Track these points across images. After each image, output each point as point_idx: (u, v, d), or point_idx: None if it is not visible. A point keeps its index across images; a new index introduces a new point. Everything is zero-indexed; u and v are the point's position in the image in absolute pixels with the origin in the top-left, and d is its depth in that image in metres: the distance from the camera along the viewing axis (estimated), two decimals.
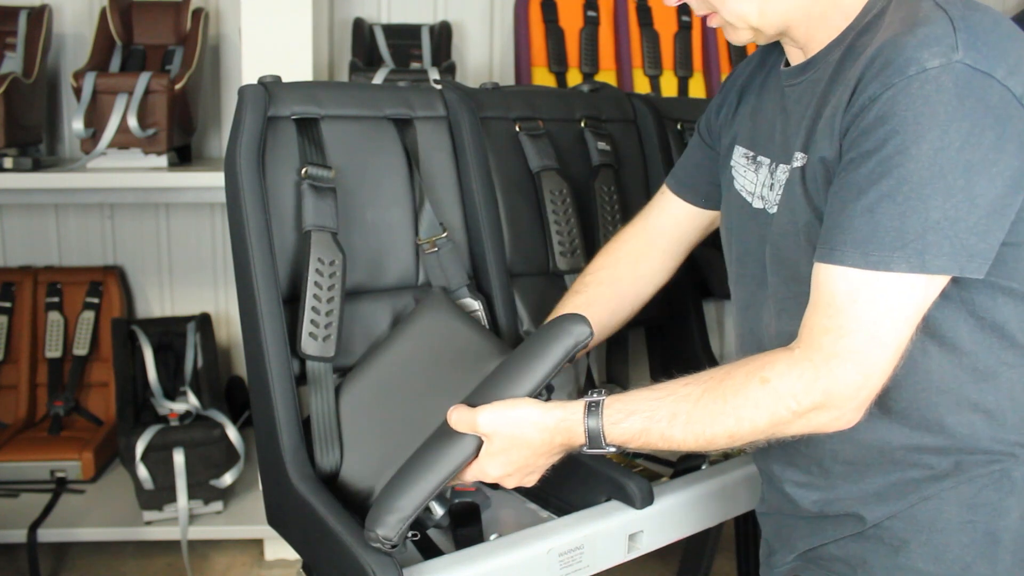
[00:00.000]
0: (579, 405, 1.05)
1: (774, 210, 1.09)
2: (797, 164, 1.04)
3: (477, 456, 1.07)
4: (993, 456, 1.03)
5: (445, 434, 1.08)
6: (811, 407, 0.97)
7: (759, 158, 1.15)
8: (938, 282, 0.95)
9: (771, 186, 1.11)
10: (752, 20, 1.04)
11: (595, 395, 1.05)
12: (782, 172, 1.09)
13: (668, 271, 1.39)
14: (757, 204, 1.14)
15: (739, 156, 1.20)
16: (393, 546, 1.05)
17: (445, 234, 1.43)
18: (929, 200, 0.90)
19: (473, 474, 1.08)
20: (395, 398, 1.29)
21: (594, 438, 1.04)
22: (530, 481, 1.10)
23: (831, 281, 0.96)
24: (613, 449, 1.04)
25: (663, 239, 1.37)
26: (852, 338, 0.95)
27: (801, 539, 1.14)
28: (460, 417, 1.07)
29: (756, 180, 1.15)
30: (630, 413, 1.03)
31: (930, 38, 0.91)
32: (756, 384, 0.98)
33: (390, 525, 1.04)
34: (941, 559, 1.04)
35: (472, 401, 1.09)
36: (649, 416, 1.02)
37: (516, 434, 1.05)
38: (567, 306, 1.35)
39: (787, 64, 1.12)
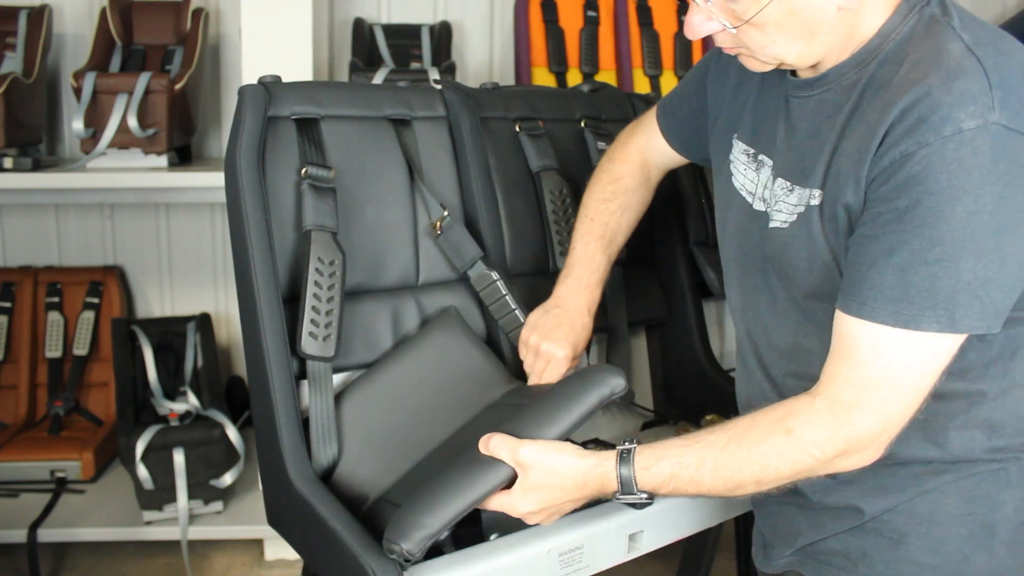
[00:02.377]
0: (612, 454, 1.07)
1: (778, 221, 1.08)
2: (815, 202, 1.02)
3: (508, 487, 1.08)
4: (992, 457, 1.05)
5: (478, 459, 1.09)
6: (834, 455, 0.99)
7: (760, 157, 1.14)
8: (964, 336, 0.96)
9: (772, 191, 1.10)
10: (789, 60, 1.03)
11: (628, 443, 1.07)
12: (782, 188, 1.07)
13: (656, 185, 1.47)
14: (758, 206, 1.13)
15: (739, 152, 1.19)
16: (407, 560, 1.05)
17: (447, 212, 1.43)
18: (961, 262, 0.91)
19: (502, 505, 1.08)
20: (398, 408, 1.31)
21: (626, 484, 1.06)
22: (548, 521, 1.12)
23: (857, 334, 0.97)
24: (645, 496, 1.06)
25: (654, 166, 1.44)
26: (874, 390, 0.96)
27: (800, 534, 1.15)
28: (501, 443, 1.08)
29: (757, 180, 1.14)
30: (659, 459, 1.05)
31: (966, 96, 0.90)
32: (781, 434, 1.00)
33: (415, 540, 1.03)
34: (940, 551, 1.06)
35: (508, 431, 1.10)
36: (678, 462, 1.04)
37: (553, 474, 1.07)
38: (603, 214, 1.39)
39: (793, 71, 1.10)
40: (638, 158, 1.42)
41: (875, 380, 0.96)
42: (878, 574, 1.09)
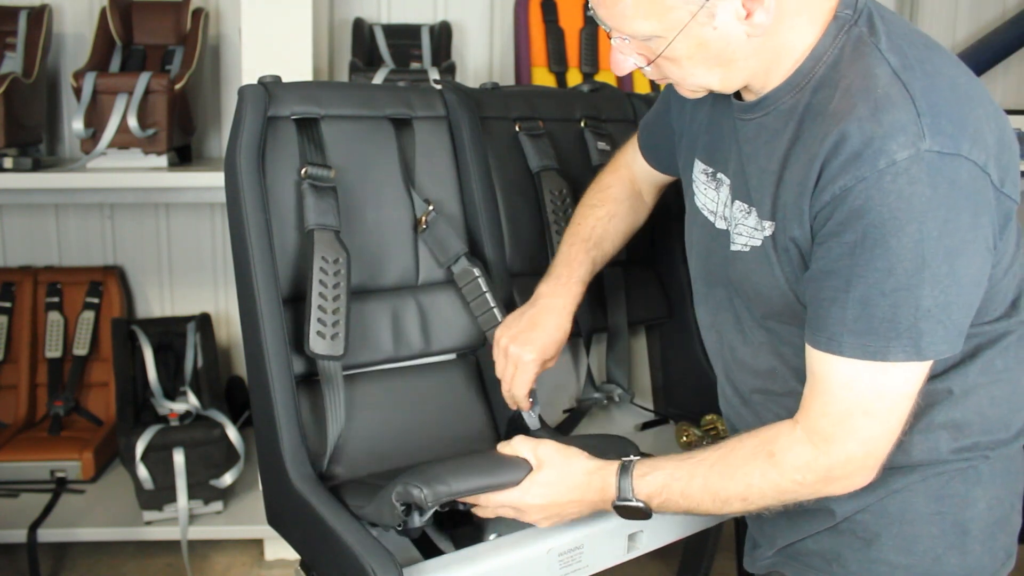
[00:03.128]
0: (615, 463, 1.13)
1: (739, 244, 1.08)
2: (767, 233, 1.04)
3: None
4: (960, 457, 1.06)
5: (497, 456, 1.17)
6: (816, 481, 1.02)
7: (719, 176, 1.14)
8: (932, 361, 0.98)
9: (732, 212, 1.10)
10: (714, 88, 1.04)
11: (631, 456, 1.13)
12: (740, 210, 1.08)
13: (652, 204, 1.47)
14: (720, 224, 1.13)
15: (699, 172, 1.19)
16: (409, 515, 1.09)
17: (431, 207, 1.43)
18: (918, 290, 0.92)
19: (511, 498, 1.12)
20: (393, 419, 1.35)
21: (623, 489, 1.10)
22: (549, 524, 1.16)
23: (828, 369, 0.99)
24: (641, 504, 1.10)
25: (643, 183, 1.44)
26: (849, 421, 0.99)
27: (780, 535, 1.17)
28: (522, 442, 1.15)
29: (717, 199, 1.14)
30: (655, 468, 1.10)
31: (896, 127, 0.90)
32: (763, 457, 1.04)
33: (435, 491, 1.06)
34: (912, 551, 1.07)
35: (509, 460, 1.16)
36: (671, 473, 1.08)
37: (565, 471, 1.13)
38: (590, 219, 1.40)
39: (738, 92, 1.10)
40: (626, 173, 1.43)
41: (849, 411, 0.99)
42: (852, 574, 1.10)
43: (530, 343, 1.31)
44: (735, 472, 1.05)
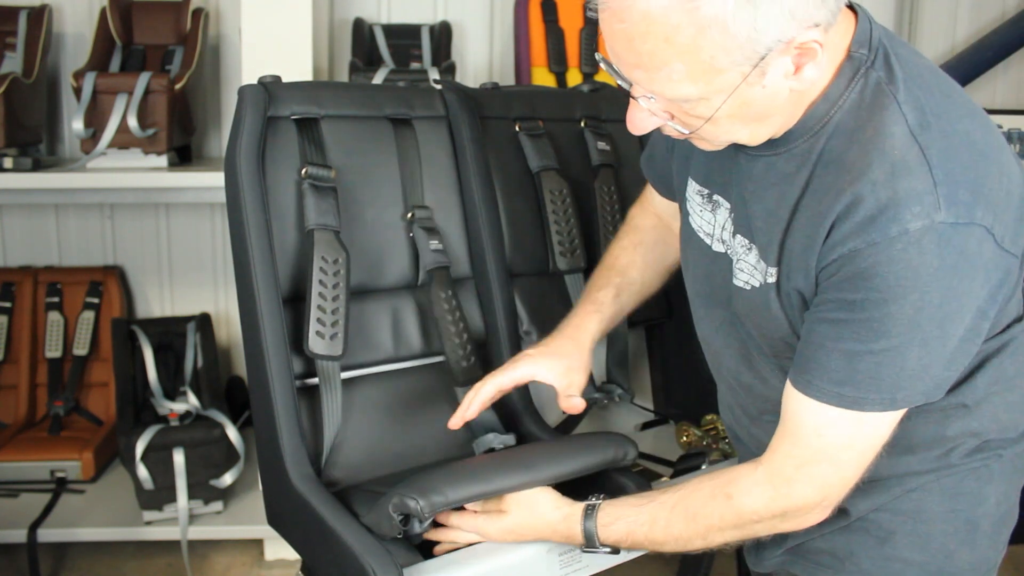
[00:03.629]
0: (580, 506, 1.14)
1: (741, 281, 1.06)
2: (771, 279, 1.02)
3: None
4: (974, 459, 1.07)
5: (492, 461, 1.21)
6: (771, 519, 1.05)
7: (716, 198, 1.12)
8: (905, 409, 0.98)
9: (732, 235, 1.08)
10: (743, 141, 0.99)
11: (593, 499, 1.15)
12: (741, 245, 1.06)
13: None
14: (717, 247, 1.11)
15: (693, 192, 1.16)
16: (407, 523, 1.10)
17: (412, 214, 1.42)
18: (906, 353, 0.92)
19: (476, 526, 1.16)
20: (393, 420, 1.35)
21: (589, 539, 1.13)
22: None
23: (802, 411, 0.99)
24: (607, 550, 1.13)
25: (664, 215, 1.38)
26: (813, 467, 1.00)
27: (790, 534, 1.16)
28: (486, 514, 1.17)
29: (714, 221, 1.12)
30: (617, 518, 1.12)
31: (912, 196, 0.88)
32: (721, 499, 1.06)
33: (430, 501, 1.07)
34: (926, 548, 1.08)
35: (505, 465, 1.18)
36: (633, 520, 1.11)
37: (530, 519, 1.15)
38: (614, 249, 1.38)
39: None
40: (649, 206, 1.40)
41: (815, 457, 1.00)
42: (865, 572, 1.10)
43: (510, 365, 1.29)
44: (695, 515, 1.07)
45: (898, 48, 0.97)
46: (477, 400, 1.25)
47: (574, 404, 1.28)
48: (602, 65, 0.95)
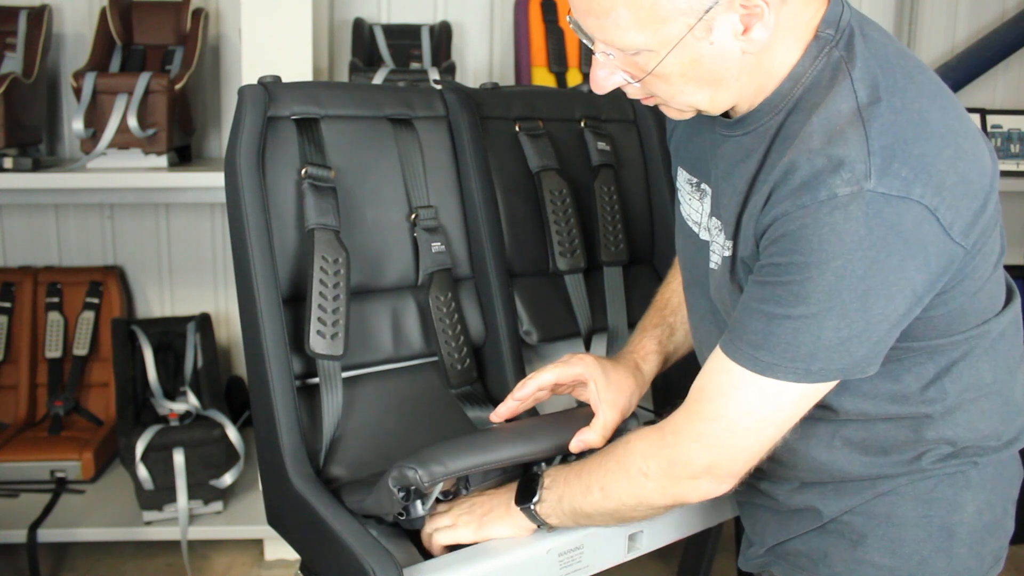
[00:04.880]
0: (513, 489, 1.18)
1: (713, 262, 1.08)
2: (727, 253, 1.03)
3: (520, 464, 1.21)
4: (948, 465, 1.06)
5: (492, 434, 1.22)
6: (660, 474, 1.04)
7: (703, 186, 1.13)
8: (823, 387, 0.97)
9: (710, 217, 1.10)
10: (703, 108, 1.01)
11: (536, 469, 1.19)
12: (715, 227, 1.07)
13: None
14: (703, 236, 1.13)
15: (683, 181, 1.18)
16: (409, 505, 1.10)
17: (415, 215, 1.42)
18: (824, 322, 0.92)
19: (454, 536, 1.19)
20: (388, 418, 1.34)
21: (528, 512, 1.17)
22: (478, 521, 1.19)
23: (715, 369, 1.00)
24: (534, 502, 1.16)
25: None
26: (706, 424, 1.00)
27: (770, 534, 1.17)
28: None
29: (701, 209, 1.13)
30: (551, 486, 1.15)
31: (843, 164, 0.89)
32: (621, 444, 1.09)
33: (431, 472, 1.08)
34: (897, 553, 1.07)
35: (505, 437, 1.20)
36: (564, 480, 1.14)
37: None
38: (665, 292, 1.38)
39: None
40: None
41: (711, 415, 1.00)
42: (837, 574, 1.10)
43: (564, 361, 1.28)
44: (600, 459, 1.11)
45: (868, 31, 0.99)
46: (534, 382, 1.25)
47: (586, 440, 1.22)
48: (570, 24, 0.98)
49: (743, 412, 0.98)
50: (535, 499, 1.15)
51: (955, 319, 1.00)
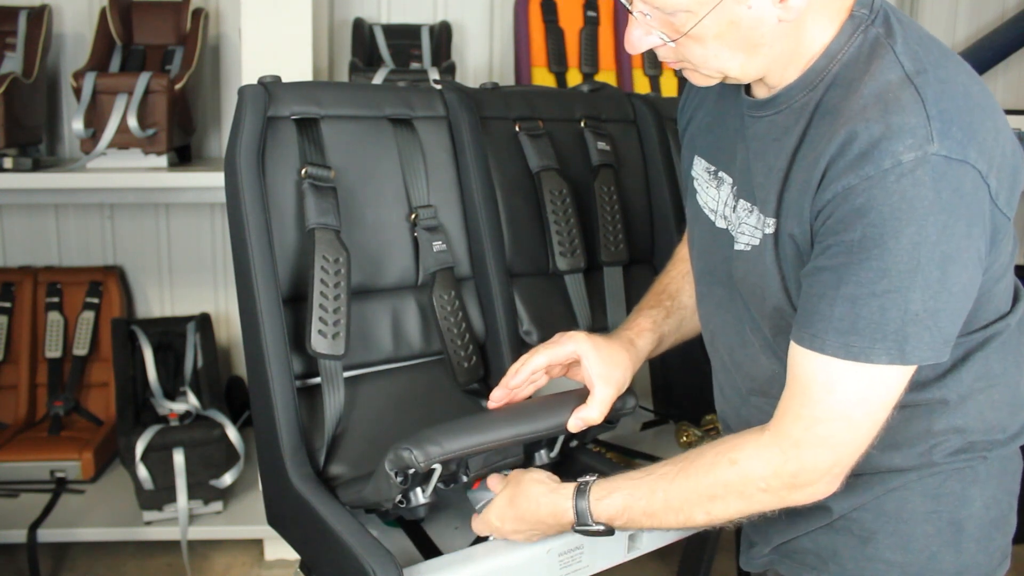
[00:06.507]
0: (571, 486, 1.11)
1: (742, 243, 1.07)
2: (769, 231, 1.02)
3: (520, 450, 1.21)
4: (958, 459, 1.07)
5: (490, 415, 1.21)
6: (780, 488, 1.01)
7: (720, 174, 1.13)
8: (915, 367, 0.96)
9: (733, 208, 1.10)
10: (732, 74, 1.01)
11: (588, 477, 1.11)
12: (744, 209, 1.07)
13: None
14: (720, 224, 1.13)
15: (700, 169, 1.18)
16: (405, 478, 1.08)
17: (415, 215, 1.42)
18: (909, 293, 0.91)
19: (487, 523, 1.17)
20: (388, 415, 1.34)
21: (581, 515, 1.09)
22: (516, 535, 1.16)
23: (809, 368, 0.97)
24: (602, 527, 1.09)
25: None
26: (825, 426, 0.97)
27: (776, 532, 1.16)
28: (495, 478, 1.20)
29: (718, 197, 1.13)
30: (613, 490, 1.08)
31: (905, 129, 0.90)
32: (725, 465, 1.03)
33: (426, 452, 1.06)
34: (907, 549, 1.07)
35: (502, 417, 1.18)
36: (630, 493, 1.07)
37: (523, 495, 1.13)
38: (664, 279, 1.37)
39: (748, 89, 1.09)
40: None
41: (827, 415, 0.97)
42: (847, 572, 1.10)
43: (555, 341, 1.26)
44: (697, 485, 1.03)
45: (900, 15, 1.01)
46: (527, 368, 1.22)
47: (584, 418, 1.20)
48: None
49: (856, 402, 0.96)
50: (599, 527, 1.09)
51: (979, 307, 1.00)
